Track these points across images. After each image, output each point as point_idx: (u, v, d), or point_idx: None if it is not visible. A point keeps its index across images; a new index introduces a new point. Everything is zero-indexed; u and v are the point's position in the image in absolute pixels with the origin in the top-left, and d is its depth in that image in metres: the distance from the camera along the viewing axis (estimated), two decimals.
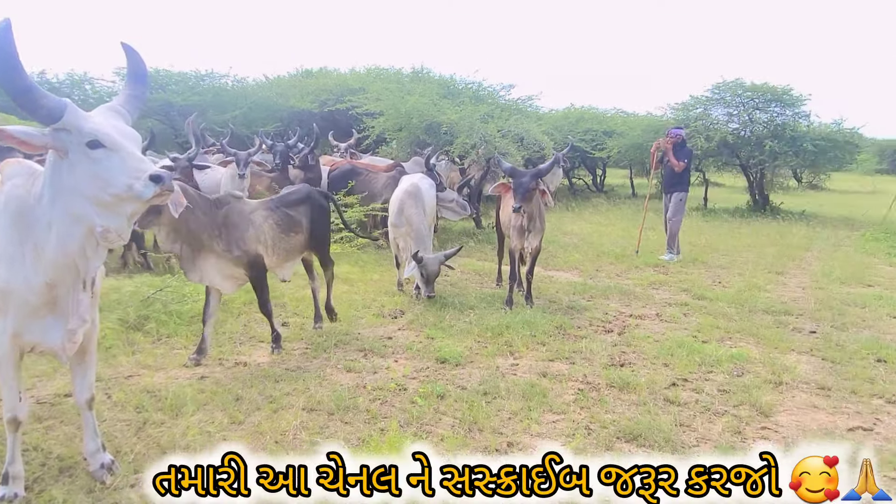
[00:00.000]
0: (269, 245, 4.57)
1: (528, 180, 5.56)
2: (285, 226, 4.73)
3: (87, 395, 2.79)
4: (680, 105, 15.69)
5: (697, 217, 13.39)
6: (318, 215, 5.07)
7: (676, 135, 9.00)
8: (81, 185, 2.22)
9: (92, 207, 2.23)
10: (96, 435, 2.82)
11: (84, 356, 2.73)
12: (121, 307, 5.07)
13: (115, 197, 2.21)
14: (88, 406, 2.80)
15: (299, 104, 15.85)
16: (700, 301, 6.45)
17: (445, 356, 4.49)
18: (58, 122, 2.20)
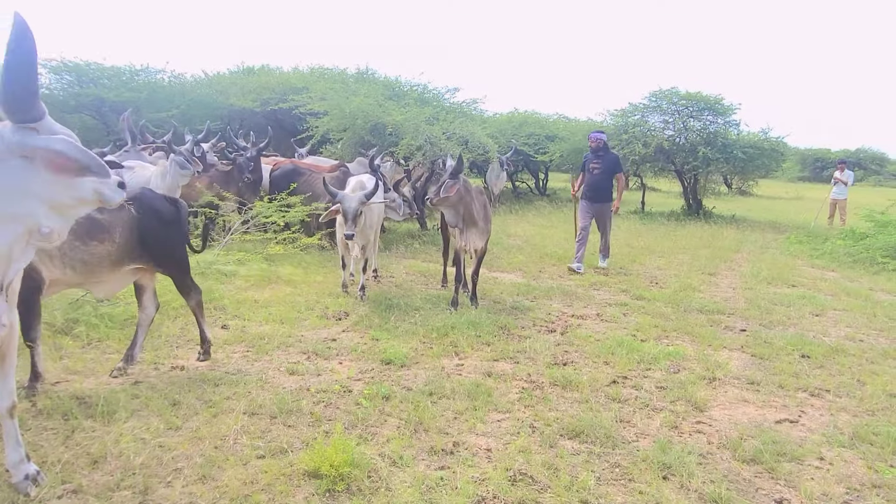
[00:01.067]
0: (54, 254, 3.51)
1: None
2: (83, 231, 3.61)
3: (8, 402, 2.63)
4: (619, 111, 16.15)
5: (635, 220, 13.81)
6: (149, 223, 3.99)
7: (597, 139, 8.42)
8: (39, 185, 2.19)
9: (42, 208, 2.21)
10: (19, 444, 2.66)
11: (3, 362, 2.59)
12: (47, 310, 4.80)
13: (77, 199, 2.26)
14: (10, 414, 2.64)
15: (240, 102, 15.47)
16: (638, 301, 6.65)
17: (390, 357, 4.46)
18: (37, 123, 2.18)
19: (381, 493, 2.75)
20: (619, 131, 15.39)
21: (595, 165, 8.30)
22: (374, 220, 6.63)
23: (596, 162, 8.30)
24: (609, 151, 8.52)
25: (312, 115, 11.59)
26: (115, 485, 2.68)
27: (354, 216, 5.71)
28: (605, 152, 8.40)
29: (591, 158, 8.39)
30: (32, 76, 2.14)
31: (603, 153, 8.35)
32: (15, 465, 2.63)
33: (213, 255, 6.89)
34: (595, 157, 8.33)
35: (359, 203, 5.74)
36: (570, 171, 20.42)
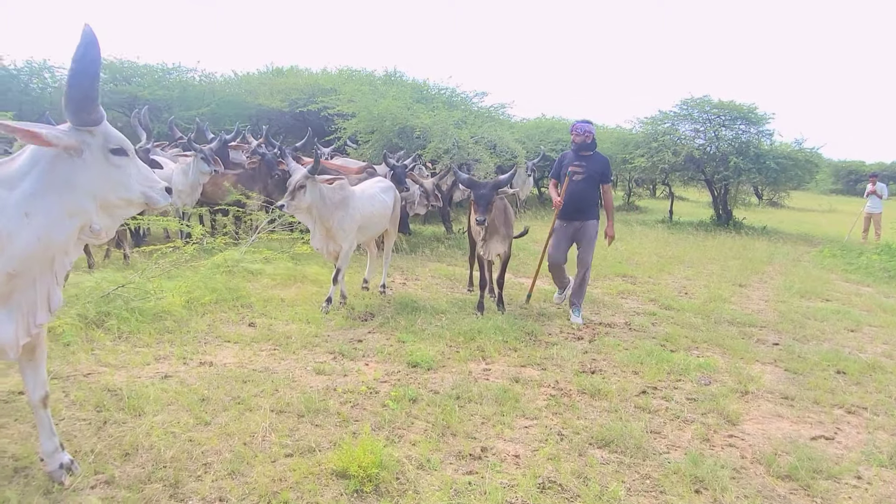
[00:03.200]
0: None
1: (488, 192, 5.56)
2: None
3: (41, 392, 2.65)
4: (648, 119, 15.99)
5: (663, 229, 13.63)
6: None
7: (584, 131, 5.98)
8: (92, 184, 2.33)
9: (94, 206, 2.35)
10: (53, 434, 2.69)
11: (34, 352, 2.60)
12: (80, 303, 4.90)
13: (125, 200, 2.42)
14: (43, 404, 2.66)
15: (269, 103, 15.65)
16: (667, 311, 6.54)
17: (417, 360, 4.44)
18: (95, 127, 2.35)
19: (409, 495, 2.73)
20: (649, 139, 15.24)
21: (577, 169, 5.92)
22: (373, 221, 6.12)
23: (578, 164, 5.93)
24: (597, 152, 6.13)
25: (340, 116, 11.67)
26: (146, 477, 2.70)
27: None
28: (592, 152, 6.04)
29: (572, 159, 6.01)
30: (94, 84, 2.29)
31: (588, 153, 6.01)
32: (49, 454, 2.66)
33: (240, 254, 6.95)
34: (577, 159, 5.98)
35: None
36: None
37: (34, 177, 2.27)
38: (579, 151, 6.00)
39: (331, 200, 5.55)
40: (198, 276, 6.02)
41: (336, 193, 5.61)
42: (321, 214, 5.50)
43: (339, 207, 5.61)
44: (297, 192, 5.27)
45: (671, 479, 3.07)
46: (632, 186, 20.84)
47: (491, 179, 5.88)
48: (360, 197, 5.93)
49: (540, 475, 2.98)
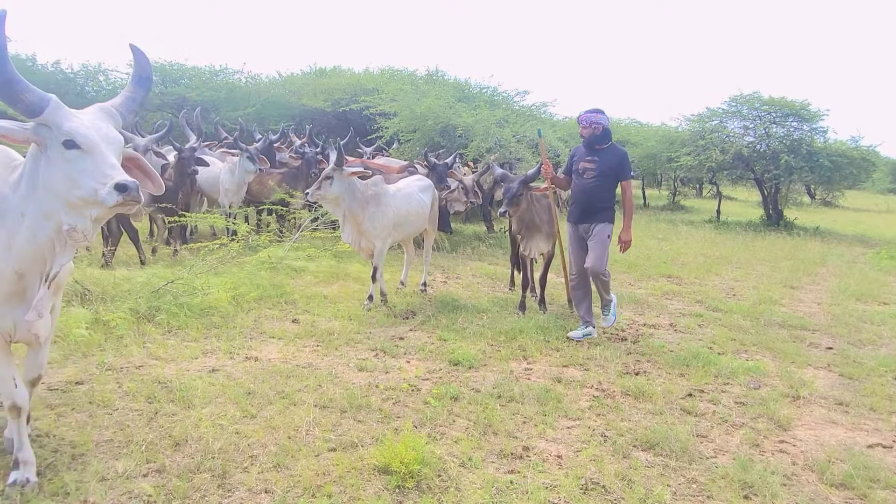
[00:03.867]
0: None
1: (515, 186, 5.54)
2: None
3: (34, 374, 2.78)
4: (695, 116, 15.64)
5: (710, 230, 13.31)
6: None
7: (591, 122, 5.20)
8: (54, 182, 2.20)
9: (61, 205, 2.21)
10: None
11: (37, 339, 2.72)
12: (132, 297, 5.06)
13: (81, 199, 2.18)
14: (31, 384, 2.78)
15: (312, 103, 15.89)
16: (714, 313, 6.38)
17: (458, 358, 4.44)
18: (39, 117, 2.19)
19: (450, 492, 2.72)
20: (695, 137, 14.90)
21: (588, 166, 5.23)
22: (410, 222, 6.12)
23: (590, 160, 5.23)
24: (613, 144, 5.34)
25: (382, 115, 11.77)
26: (195, 467, 2.77)
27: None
28: (605, 145, 5.28)
29: (584, 155, 5.32)
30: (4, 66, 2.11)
31: (601, 146, 5.26)
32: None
33: (283, 251, 7.08)
34: (589, 154, 5.27)
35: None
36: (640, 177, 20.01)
37: (24, 177, 2.29)
38: (591, 145, 5.27)
39: (361, 195, 5.60)
40: (243, 272, 6.16)
41: (368, 189, 5.68)
42: (350, 208, 5.55)
43: (371, 203, 5.66)
44: (323, 183, 5.39)
45: (718, 483, 2.99)
46: (677, 185, 20.40)
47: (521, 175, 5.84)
48: (395, 195, 5.96)
49: (583, 476, 2.94)
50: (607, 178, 5.24)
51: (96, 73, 16.63)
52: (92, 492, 2.54)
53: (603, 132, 5.24)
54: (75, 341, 4.19)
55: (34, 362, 2.76)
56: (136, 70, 2.54)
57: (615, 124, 18.71)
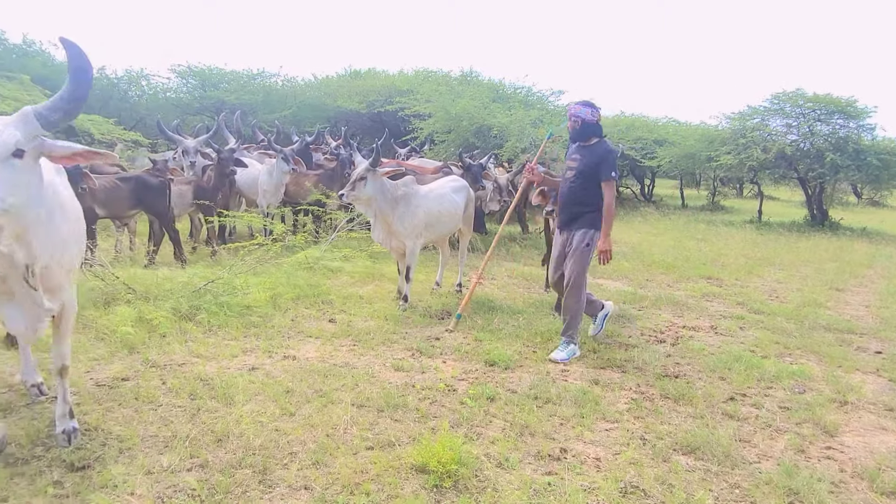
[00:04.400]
0: None
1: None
2: None
3: (59, 363, 2.97)
4: (736, 115, 15.30)
5: (751, 230, 12.99)
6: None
7: (573, 114, 4.73)
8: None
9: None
10: (65, 402, 2.97)
11: (58, 328, 2.93)
12: (174, 297, 5.17)
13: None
14: (59, 374, 2.98)
15: (347, 104, 16.06)
16: (757, 315, 6.23)
17: (494, 359, 4.43)
18: None
19: (488, 492, 2.72)
20: (736, 135, 14.57)
21: (570, 164, 4.78)
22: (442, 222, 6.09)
23: (573, 158, 4.77)
24: (601, 141, 4.74)
25: (417, 116, 11.83)
26: (237, 463, 2.82)
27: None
28: (590, 142, 4.72)
29: (570, 152, 4.90)
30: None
31: (586, 143, 4.73)
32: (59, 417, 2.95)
33: (320, 252, 7.16)
34: (576, 151, 4.80)
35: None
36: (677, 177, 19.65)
37: None
38: (574, 141, 4.83)
39: (391, 195, 5.63)
40: (281, 272, 6.25)
41: (398, 189, 5.70)
42: (381, 208, 5.59)
43: (401, 203, 5.69)
44: (357, 184, 5.43)
45: (762, 489, 2.91)
46: (717, 185, 19.97)
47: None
48: (427, 195, 5.96)
49: (622, 479, 2.90)
50: (587, 179, 4.65)
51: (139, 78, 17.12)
52: (138, 485, 2.61)
53: (583, 126, 4.69)
54: (121, 339, 4.31)
55: (58, 352, 2.98)
56: (69, 63, 2.41)
57: (652, 123, 18.42)
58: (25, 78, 11.42)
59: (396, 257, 6.07)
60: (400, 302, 5.74)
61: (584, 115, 4.68)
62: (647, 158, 16.26)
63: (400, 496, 2.65)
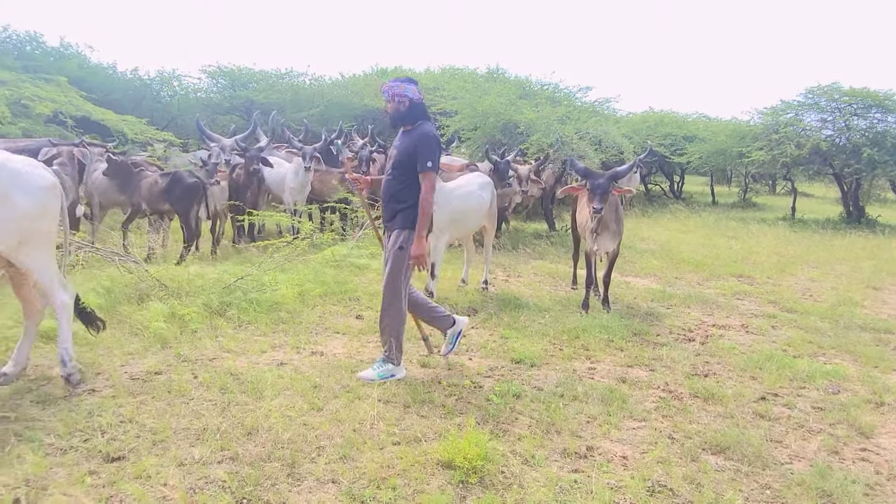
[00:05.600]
0: None
1: (606, 182, 5.40)
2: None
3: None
4: (769, 109, 14.97)
5: (785, 227, 12.71)
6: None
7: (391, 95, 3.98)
8: None
9: None
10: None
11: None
12: (205, 293, 5.27)
13: None
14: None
15: (374, 103, 16.11)
16: (789, 314, 6.10)
17: (520, 356, 4.42)
18: None
19: (513, 489, 2.72)
20: (769, 131, 14.26)
21: (392, 152, 4.18)
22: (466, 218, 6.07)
23: (395, 146, 4.15)
24: (422, 124, 4.01)
25: (443, 114, 11.83)
26: (266, 456, 2.87)
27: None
28: (414, 125, 4.03)
29: (395, 140, 4.24)
30: None
31: (408, 127, 4.06)
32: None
33: (347, 249, 7.22)
34: (399, 137, 4.18)
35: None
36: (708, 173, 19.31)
37: None
38: (396, 126, 4.15)
39: None
40: (308, 269, 6.32)
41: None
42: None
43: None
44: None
45: (794, 490, 2.86)
46: (748, 182, 19.59)
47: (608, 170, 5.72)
48: (452, 192, 5.97)
49: (649, 478, 2.87)
50: (404, 169, 3.99)
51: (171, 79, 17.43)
52: (171, 476, 2.67)
53: (411, 107, 3.99)
54: (154, 334, 4.41)
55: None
56: None
57: (681, 119, 18.12)
58: (62, 80, 11.71)
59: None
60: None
61: (411, 93, 3.99)
62: (676, 155, 16.03)
63: (426, 491, 2.67)
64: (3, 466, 2.70)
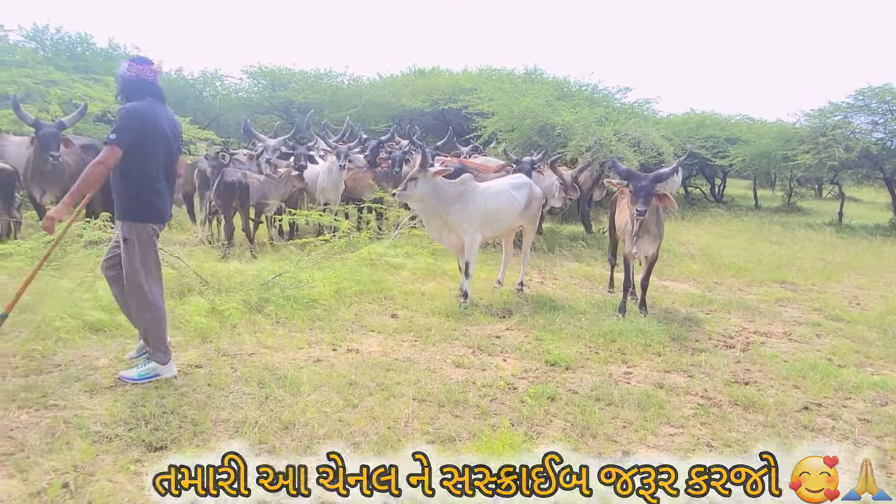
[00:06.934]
0: None
1: (649, 184, 5.32)
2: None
3: None
4: (816, 111, 14.53)
5: (831, 233, 12.32)
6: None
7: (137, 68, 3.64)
8: None
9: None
10: None
11: None
12: (244, 289, 5.37)
13: None
14: None
15: (411, 103, 16.21)
16: (835, 322, 5.92)
17: (555, 359, 4.39)
18: None
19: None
20: (815, 133, 13.84)
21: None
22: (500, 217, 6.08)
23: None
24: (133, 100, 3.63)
25: (480, 115, 11.81)
26: (302, 450, 2.92)
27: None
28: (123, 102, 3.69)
29: None
30: None
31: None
32: None
33: (382, 248, 7.28)
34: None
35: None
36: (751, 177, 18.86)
37: None
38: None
39: (446, 194, 5.72)
40: (345, 268, 6.40)
41: (454, 188, 5.79)
42: (435, 207, 5.69)
43: (458, 201, 5.77)
44: (409, 184, 5.56)
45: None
46: (793, 186, 19.05)
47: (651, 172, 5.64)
48: (484, 192, 6.01)
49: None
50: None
51: (213, 79, 17.85)
52: None
53: (122, 86, 3.68)
54: (195, 328, 4.52)
55: None
56: None
57: (724, 121, 17.72)
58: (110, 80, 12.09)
59: (455, 253, 6.12)
60: (460, 299, 5.77)
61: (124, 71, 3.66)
62: (718, 157, 15.69)
63: None
64: (53, 451, 2.80)
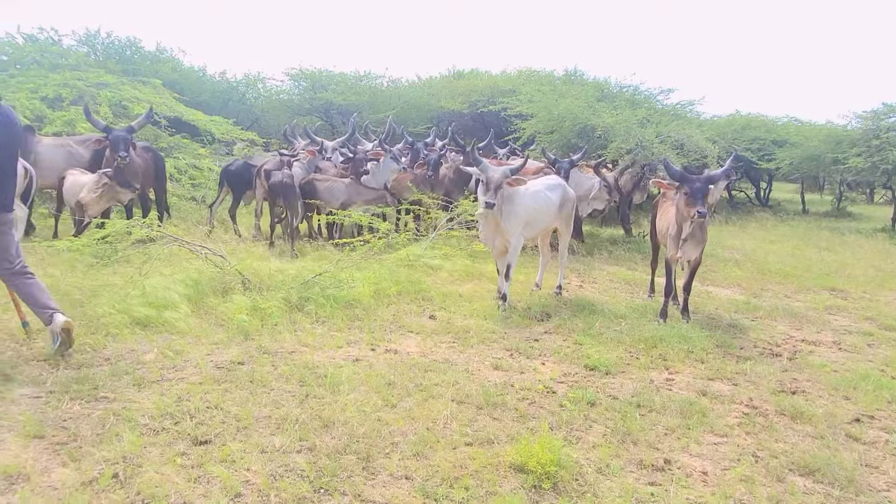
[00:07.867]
0: None
1: (704, 185, 5.21)
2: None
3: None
4: (869, 113, 14.01)
5: (885, 239, 11.87)
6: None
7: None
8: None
9: None
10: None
11: None
12: (284, 288, 5.46)
13: None
14: None
15: (450, 105, 16.23)
16: (889, 332, 5.69)
17: (595, 363, 4.33)
18: None
19: (587, 497, 2.67)
20: (868, 136, 13.35)
21: None
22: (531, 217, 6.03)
23: None
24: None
25: (519, 117, 11.76)
26: (342, 448, 2.95)
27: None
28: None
29: None
30: None
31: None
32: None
33: (421, 249, 7.30)
34: None
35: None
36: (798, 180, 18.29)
37: None
38: None
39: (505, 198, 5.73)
40: (384, 268, 6.44)
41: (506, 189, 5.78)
42: (497, 209, 5.68)
43: (506, 203, 5.77)
44: (498, 191, 5.56)
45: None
46: (843, 190, 18.40)
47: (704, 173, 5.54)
48: (524, 193, 6.01)
49: (731, 496, 2.75)
50: None
51: (256, 82, 18.21)
52: (254, 461, 2.78)
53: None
54: (237, 326, 4.61)
55: None
56: None
57: (770, 123, 17.23)
58: (157, 82, 12.45)
59: (497, 256, 6.10)
60: (499, 301, 5.76)
61: None
62: (764, 160, 15.27)
63: (499, 493, 2.66)
64: (104, 442, 2.90)
